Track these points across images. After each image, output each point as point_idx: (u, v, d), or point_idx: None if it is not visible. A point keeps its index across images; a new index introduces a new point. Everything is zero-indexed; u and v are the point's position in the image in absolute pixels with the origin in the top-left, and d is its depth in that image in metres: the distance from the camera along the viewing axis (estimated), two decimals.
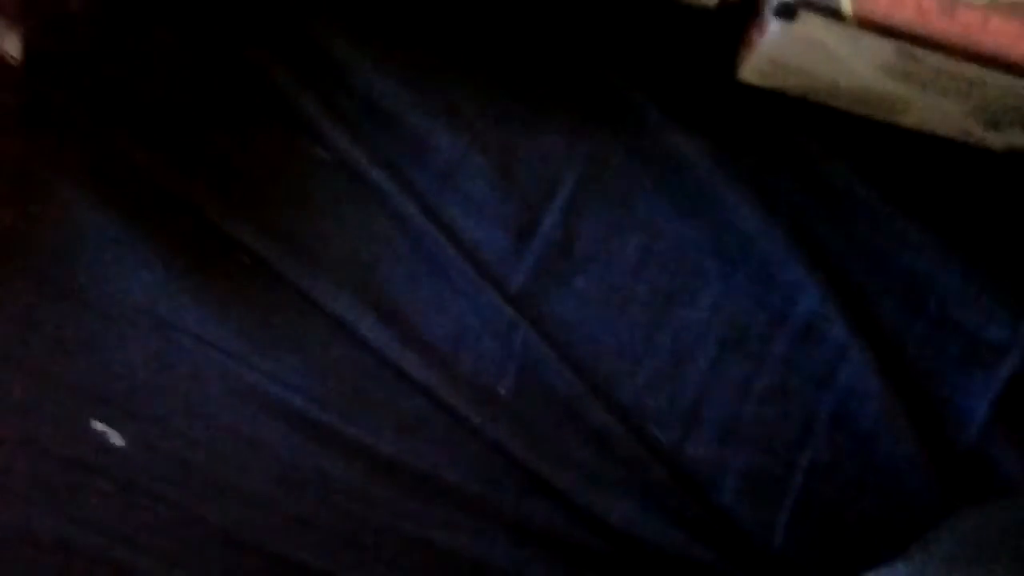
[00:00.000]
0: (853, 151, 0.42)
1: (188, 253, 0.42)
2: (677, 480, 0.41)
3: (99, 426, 0.41)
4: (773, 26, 0.38)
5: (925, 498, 0.41)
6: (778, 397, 0.41)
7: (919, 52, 0.36)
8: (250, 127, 0.43)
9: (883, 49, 0.37)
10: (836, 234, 0.42)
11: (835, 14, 0.36)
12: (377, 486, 0.41)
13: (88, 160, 0.42)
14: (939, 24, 0.36)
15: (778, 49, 0.39)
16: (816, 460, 0.41)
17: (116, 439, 0.41)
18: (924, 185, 0.42)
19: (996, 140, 0.41)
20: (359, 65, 0.42)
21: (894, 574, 0.36)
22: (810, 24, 0.37)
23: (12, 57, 0.41)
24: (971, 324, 0.41)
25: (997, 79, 0.37)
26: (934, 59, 0.37)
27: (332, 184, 0.42)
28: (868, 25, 0.36)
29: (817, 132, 0.42)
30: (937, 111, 0.40)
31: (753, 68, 0.40)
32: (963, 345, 0.41)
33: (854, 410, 0.41)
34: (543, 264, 0.42)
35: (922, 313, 0.41)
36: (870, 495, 0.41)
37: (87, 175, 0.42)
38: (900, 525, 0.41)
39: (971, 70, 0.37)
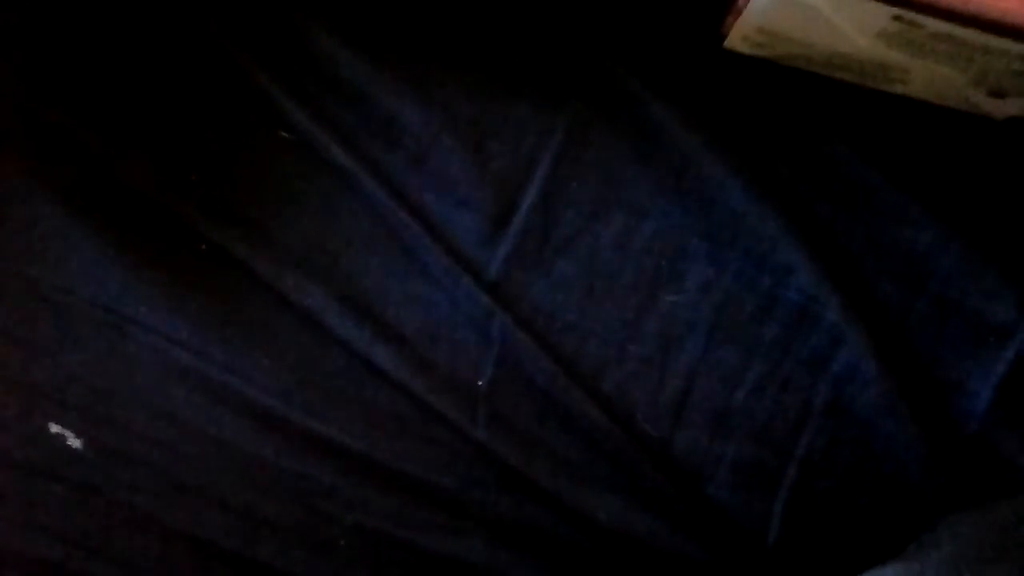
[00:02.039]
0: (848, 124, 0.41)
1: (144, 244, 0.41)
2: (666, 474, 0.40)
3: (56, 428, 0.40)
4: None
5: (926, 487, 0.39)
6: (771, 385, 0.40)
7: (919, 17, 0.35)
8: (209, 108, 0.41)
9: (881, 14, 0.36)
10: (830, 212, 0.40)
11: None
12: (350, 486, 0.40)
13: (37, 149, 0.41)
14: None
15: (767, 15, 0.37)
16: (812, 450, 0.40)
17: (74, 442, 0.40)
18: (923, 159, 0.41)
19: (998, 109, 0.39)
20: (322, 40, 0.41)
21: None
22: None
23: None
24: (974, 304, 0.40)
25: (1003, 45, 0.35)
26: (935, 25, 0.35)
27: (296, 167, 0.41)
28: None
29: (809, 104, 0.41)
30: (937, 80, 0.38)
31: (741, 36, 0.39)
32: (966, 327, 0.40)
33: (851, 397, 0.39)
34: (521, 248, 0.40)
35: (923, 293, 0.40)
36: (869, 485, 0.40)
37: (36, 164, 0.41)
38: (899, 516, 0.40)
39: (975, 36, 0.35)
